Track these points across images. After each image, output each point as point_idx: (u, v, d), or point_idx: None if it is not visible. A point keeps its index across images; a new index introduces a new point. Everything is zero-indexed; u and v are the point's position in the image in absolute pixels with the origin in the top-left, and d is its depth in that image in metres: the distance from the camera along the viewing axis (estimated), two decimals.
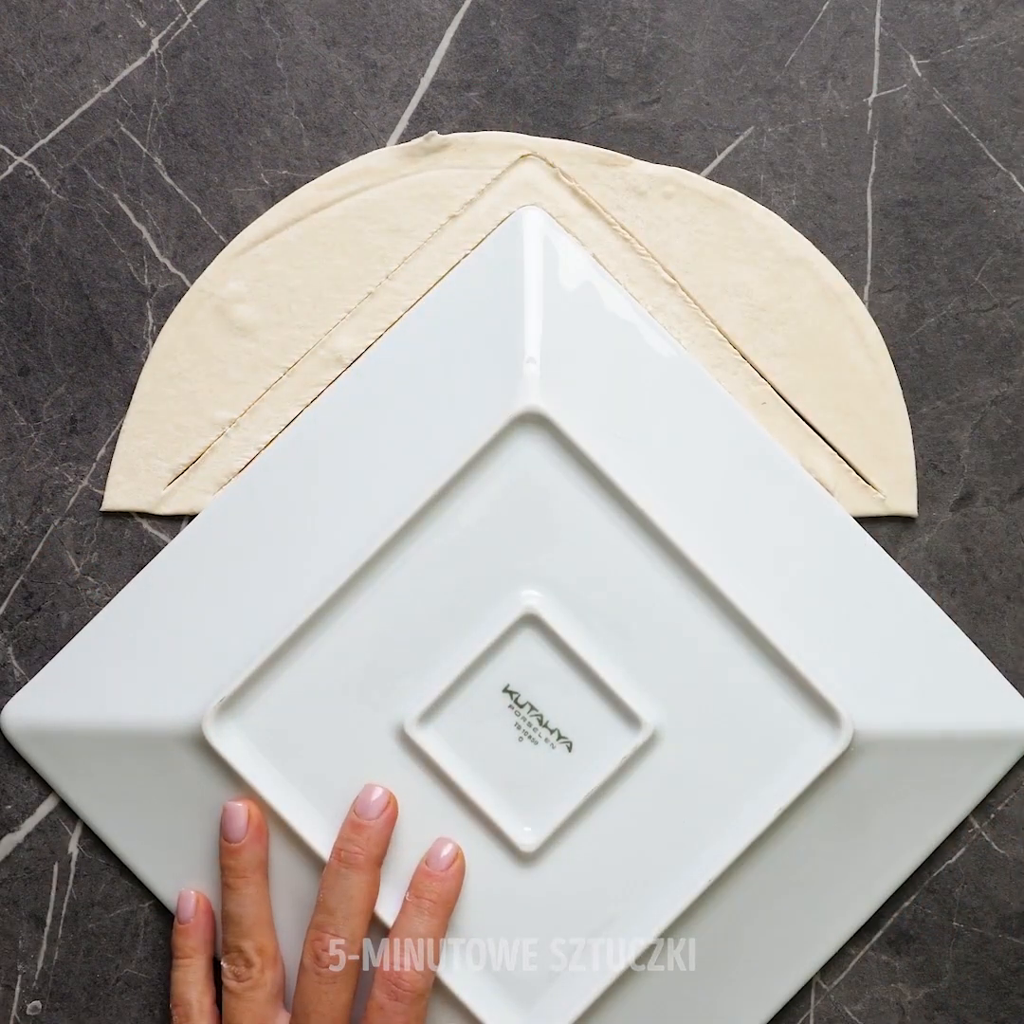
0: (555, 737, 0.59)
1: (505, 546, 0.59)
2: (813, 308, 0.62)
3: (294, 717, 0.60)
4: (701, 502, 0.60)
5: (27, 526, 0.63)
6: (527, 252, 0.61)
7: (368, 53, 0.63)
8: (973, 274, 0.63)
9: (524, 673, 0.59)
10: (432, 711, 0.59)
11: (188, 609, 0.61)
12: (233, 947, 0.59)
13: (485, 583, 0.60)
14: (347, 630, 0.59)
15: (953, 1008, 0.62)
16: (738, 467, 0.61)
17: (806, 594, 0.60)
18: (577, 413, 0.60)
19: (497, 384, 0.60)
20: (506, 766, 0.59)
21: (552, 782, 0.59)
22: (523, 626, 0.59)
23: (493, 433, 0.59)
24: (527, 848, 0.59)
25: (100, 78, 0.63)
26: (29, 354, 0.63)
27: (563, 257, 0.61)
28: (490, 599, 0.59)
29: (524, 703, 0.59)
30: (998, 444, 0.62)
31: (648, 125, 0.63)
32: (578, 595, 0.59)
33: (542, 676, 0.59)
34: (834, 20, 0.63)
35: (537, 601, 0.59)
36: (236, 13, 0.63)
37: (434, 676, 0.59)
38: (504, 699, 0.59)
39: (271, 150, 0.63)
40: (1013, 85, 0.63)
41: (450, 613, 0.59)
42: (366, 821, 0.59)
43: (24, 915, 0.63)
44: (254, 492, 0.61)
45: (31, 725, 0.62)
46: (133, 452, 0.63)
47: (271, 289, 0.63)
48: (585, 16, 0.63)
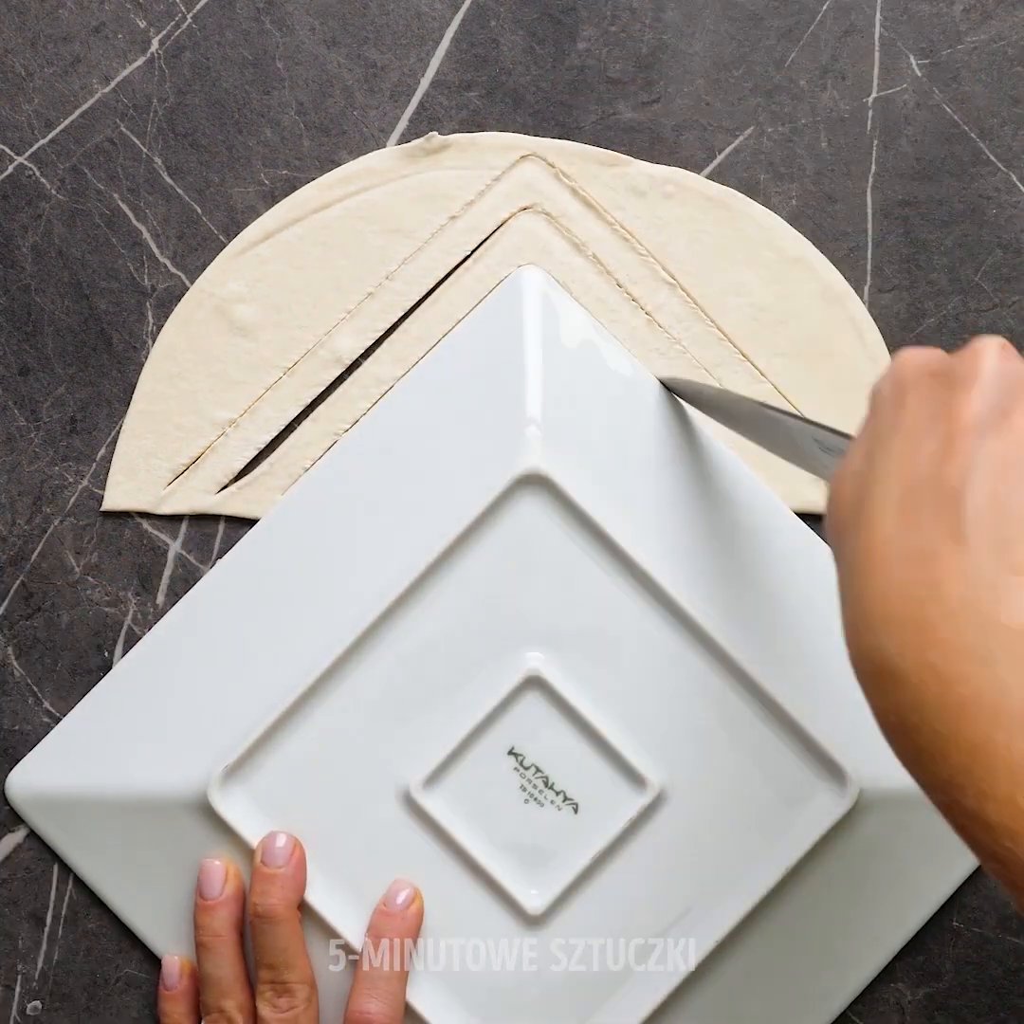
0: (561, 799, 0.59)
1: (508, 607, 0.59)
2: (813, 308, 0.62)
3: (299, 782, 0.59)
4: (703, 560, 0.60)
5: (27, 526, 0.63)
6: (527, 312, 0.60)
7: (368, 53, 0.63)
8: (973, 274, 0.63)
9: (529, 735, 0.59)
10: (437, 774, 0.59)
11: (192, 675, 0.60)
12: (214, 1008, 0.59)
13: (488, 645, 0.59)
14: (351, 694, 0.59)
15: (953, 1008, 0.62)
16: (741, 524, 0.60)
17: (810, 650, 0.59)
18: (579, 473, 0.59)
19: (499, 445, 0.60)
20: (512, 828, 0.59)
21: (558, 844, 0.59)
22: (527, 688, 0.59)
23: (495, 495, 0.59)
24: (534, 911, 0.59)
25: (100, 78, 0.63)
26: (29, 354, 0.63)
27: (563, 316, 0.61)
28: (494, 661, 0.59)
29: (529, 765, 0.59)
30: None
31: (648, 125, 0.63)
32: (582, 656, 0.59)
33: (547, 737, 0.59)
34: (834, 20, 0.63)
35: (541, 663, 0.59)
36: (236, 13, 0.63)
37: (439, 739, 0.59)
38: (509, 761, 0.59)
39: (271, 150, 0.63)
40: (1013, 85, 0.63)
41: (454, 676, 0.59)
42: (276, 870, 0.58)
43: (24, 915, 0.62)
44: (255, 557, 0.61)
45: (36, 792, 0.61)
46: (133, 452, 0.63)
47: (271, 289, 0.63)
48: (585, 16, 0.63)
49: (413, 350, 0.63)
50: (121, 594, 0.63)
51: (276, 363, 0.63)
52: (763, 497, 0.61)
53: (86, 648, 0.63)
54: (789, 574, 0.60)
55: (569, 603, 0.59)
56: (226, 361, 0.63)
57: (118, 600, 0.63)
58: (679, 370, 0.62)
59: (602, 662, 0.59)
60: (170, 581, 0.63)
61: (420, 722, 0.59)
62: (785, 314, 0.62)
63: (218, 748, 0.59)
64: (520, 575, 0.59)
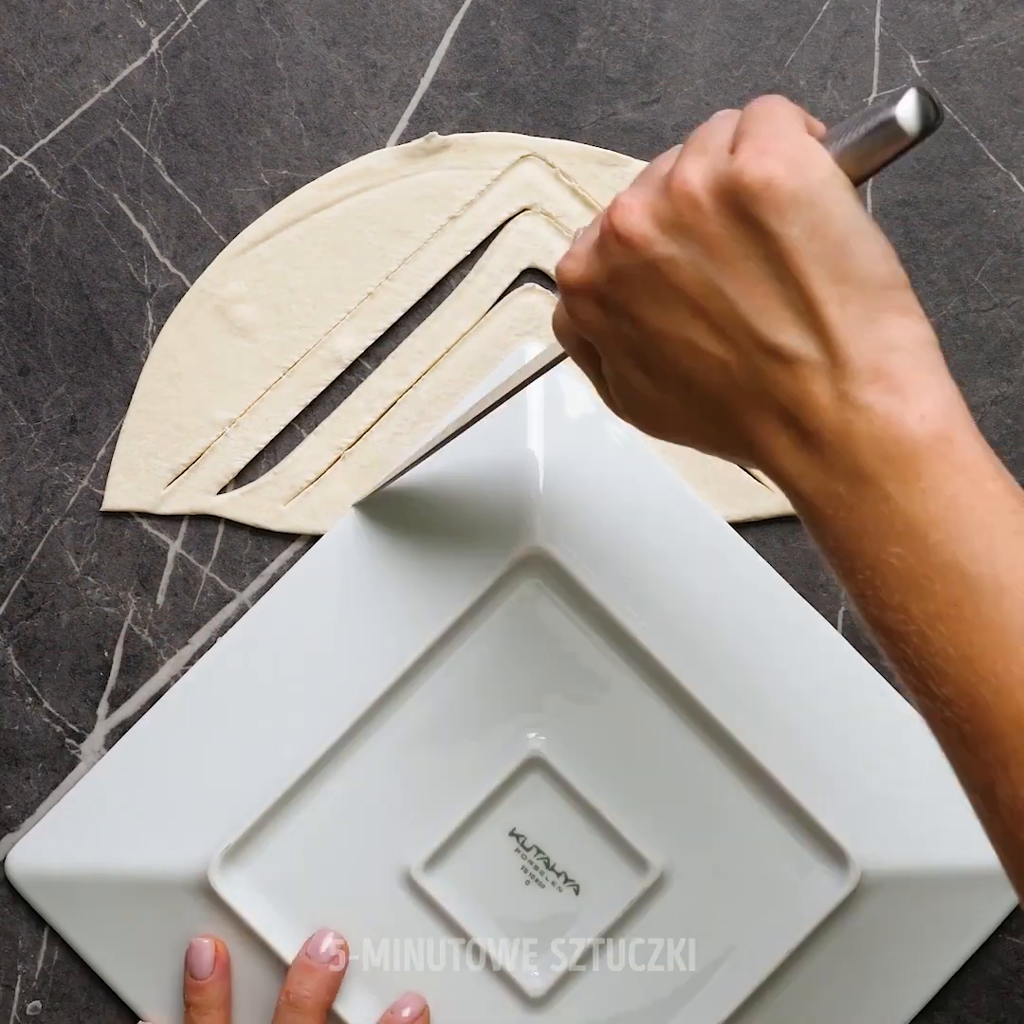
0: (562, 880, 0.59)
1: (510, 688, 0.59)
2: None
3: (299, 863, 0.60)
4: (705, 640, 0.60)
5: (27, 526, 0.63)
6: (529, 389, 0.60)
7: (368, 53, 0.63)
8: (973, 274, 0.63)
9: (530, 816, 0.59)
10: (438, 856, 0.59)
11: (192, 755, 0.61)
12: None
13: (490, 726, 0.59)
14: (353, 775, 0.59)
15: (953, 1008, 0.62)
16: (742, 605, 0.60)
17: (810, 730, 0.59)
18: (581, 552, 0.59)
19: (501, 524, 0.60)
20: (513, 909, 0.59)
21: (559, 925, 0.59)
22: (528, 769, 0.59)
23: (497, 575, 0.59)
24: (535, 993, 0.59)
25: (100, 78, 0.63)
26: (29, 354, 0.63)
27: (566, 393, 0.61)
28: (496, 742, 0.59)
29: (531, 846, 0.59)
30: (998, 444, 0.62)
31: (648, 125, 0.63)
32: (583, 737, 0.59)
33: (548, 819, 0.59)
34: (834, 20, 0.63)
35: (542, 744, 0.59)
36: (236, 13, 0.63)
37: (440, 821, 0.59)
38: (510, 843, 0.59)
39: (271, 150, 0.63)
40: (1013, 85, 0.63)
41: (455, 757, 0.59)
42: (318, 964, 0.58)
43: (24, 915, 0.62)
44: (255, 637, 0.61)
45: (35, 872, 0.61)
46: (133, 452, 0.63)
47: (271, 289, 0.63)
48: (585, 16, 0.63)
49: (417, 364, 0.63)
50: (121, 594, 0.63)
51: (276, 363, 0.63)
52: (765, 577, 0.61)
53: (86, 648, 0.63)
54: (789, 655, 0.60)
55: (571, 684, 0.59)
56: (226, 361, 0.63)
57: (118, 600, 0.63)
58: None
59: (604, 743, 0.59)
60: (170, 581, 0.63)
61: (421, 803, 0.59)
62: None
63: (219, 829, 0.59)
64: (522, 655, 0.59)
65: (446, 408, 0.62)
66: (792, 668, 0.60)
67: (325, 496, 0.62)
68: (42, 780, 0.63)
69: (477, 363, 0.63)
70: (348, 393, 0.63)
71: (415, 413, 0.63)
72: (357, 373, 0.63)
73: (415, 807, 0.59)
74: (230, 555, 0.63)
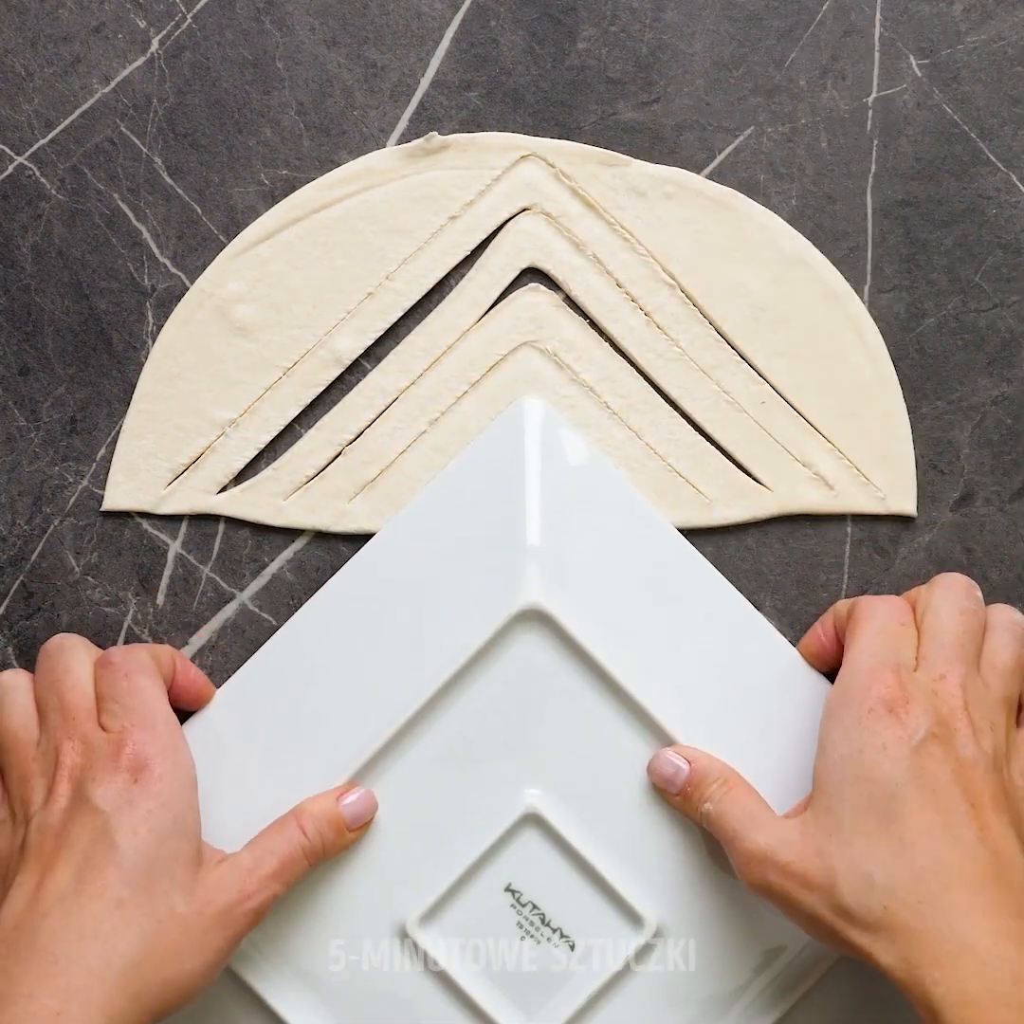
0: (557, 936, 0.59)
1: (506, 744, 0.59)
2: (813, 308, 0.62)
3: (294, 916, 0.59)
4: (703, 696, 0.60)
5: (27, 526, 0.63)
6: (528, 445, 0.60)
7: (368, 53, 0.63)
8: (973, 274, 0.63)
9: (526, 872, 0.59)
10: (433, 912, 0.59)
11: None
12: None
13: (486, 781, 0.59)
14: None
15: None
16: (741, 660, 0.60)
17: (804, 782, 0.59)
18: (578, 606, 0.59)
19: (498, 579, 0.59)
20: (509, 965, 0.59)
21: (555, 981, 0.59)
22: (525, 825, 0.59)
23: (494, 630, 0.59)
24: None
25: (100, 78, 0.63)
26: (29, 354, 0.63)
27: (565, 448, 0.61)
28: (491, 798, 0.59)
29: (526, 902, 0.59)
30: (998, 444, 0.62)
31: (648, 125, 0.63)
32: (580, 792, 0.59)
33: (544, 875, 0.59)
34: (834, 20, 0.63)
35: (538, 799, 0.59)
36: (236, 13, 0.63)
37: (435, 876, 0.59)
38: (506, 898, 0.59)
39: (271, 150, 0.63)
40: (1013, 85, 0.63)
41: (451, 813, 0.59)
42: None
43: None
44: (246, 693, 0.61)
45: None
46: (133, 452, 0.63)
47: (271, 289, 0.63)
48: (585, 16, 0.63)
49: (419, 362, 0.63)
50: (121, 594, 0.63)
51: (276, 363, 0.63)
52: (764, 636, 0.61)
53: None
54: (791, 713, 0.60)
55: (568, 739, 0.59)
56: (226, 361, 0.63)
57: (118, 600, 0.63)
58: (676, 373, 0.62)
59: (600, 799, 0.59)
60: (170, 581, 0.63)
61: (417, 858, 0.59)
62: (785, 314, 0.62)
63: None
64: (518, 711, 0.59)
65: (447, 405, 0.62)
66: (791, 724, 0.60)
67: (325, 491, 0.62)
68: None
69: (479, 360, 0.63)
70: (348, 393, 0.63)
71: (416, 409, 0.63)
72: (357, 373, 0.63)
73: (411, 862, 0.59)
74: (230, 555, 0.63)
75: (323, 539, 0.63)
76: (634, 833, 0.59)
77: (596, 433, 0.62)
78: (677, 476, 0.62)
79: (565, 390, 0.62)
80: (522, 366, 0.62)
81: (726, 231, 0.63)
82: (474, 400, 0.62)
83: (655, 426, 0.63)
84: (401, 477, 0.62)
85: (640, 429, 0.62)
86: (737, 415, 0.62)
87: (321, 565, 0.63)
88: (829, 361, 0.62)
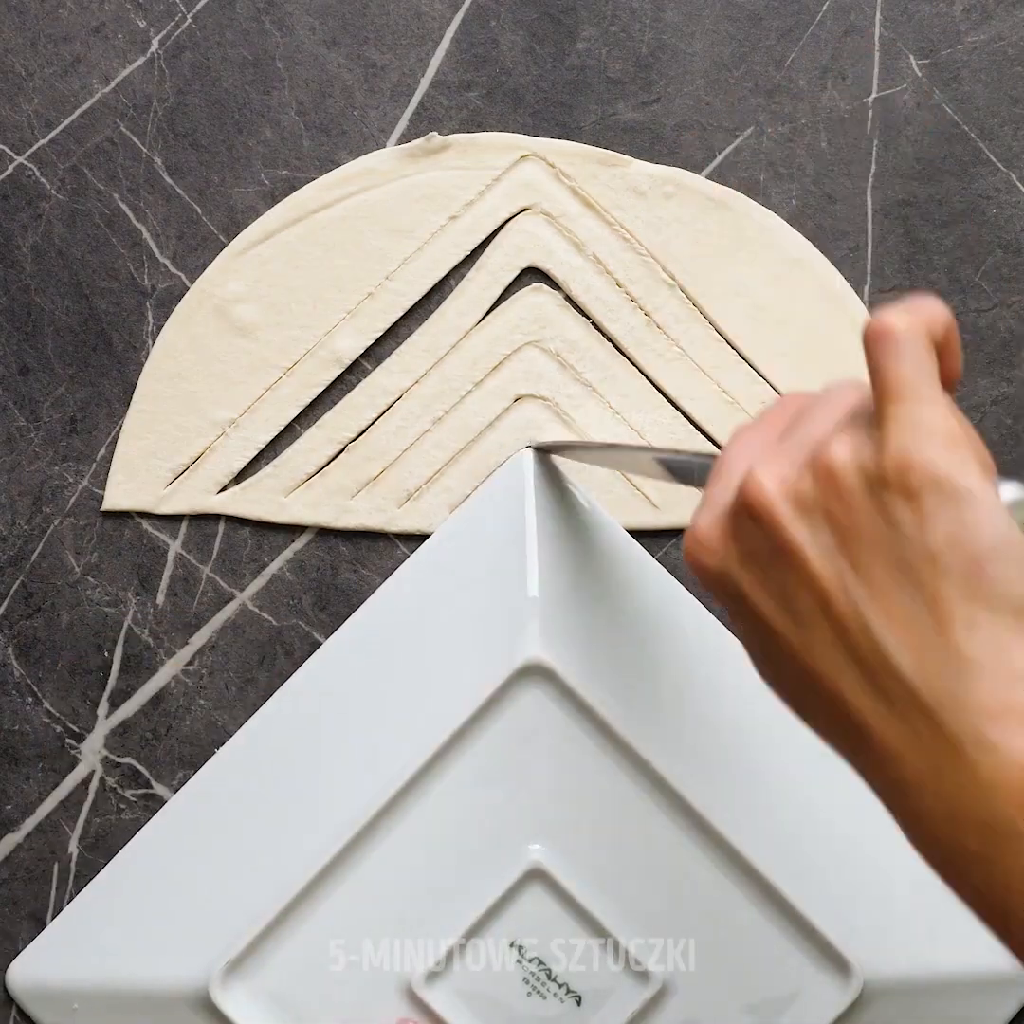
0: (564, 991, 0.59)
1: (509, 799, 0.59)
2: (813, 308, 0.62)
3: (301, 976, 0.59)
4: (706, 750, 0.59)
5: (27, 526, 0.63)
6: (527, 500, 0.60)
7: (368, 53, 0.63)
8: (973, 274, 0.63)
9: (531, 928, 0.59)
10: (439, 968, 0.59)
11: (191, 868, 0.60)
12: None
13: (490, 837, 0.59)
14: (353, 887, 0.59)
15: None
16: (744, 713, 0.60)
17: (810, 837, 0.59)
18: (579, 659, 0.59)
19: (500, 634, 0.59)
20: (515, 1021, 0.59)
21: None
22: (529, 881, 0.59)
23: (496, 686, 0.59)
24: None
25: (100, 78, 0.63)
26: (29, 354, 0.63)
27: (565, 499, 0.61)
28: (495, 854, 0.59)
29: (532, 958, 0.59)
30: (998, 444, 0.62)
31: (648, 125, 0.63)
32: (583, 846, 0.59)
33: (549, 930, 0.59)
34: (834, 20, 0.63)
35: (542, 855, 0.59)
36: (236, 13, 0.63)
37: (441, 933, 0.59)
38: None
39: (271, 150, 0.63)
40: (1013, 85, 0.63)
41: (455, 869, 0.59)
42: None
43: (24, 915, 0.62)
44: (256, 743, 0.61)
45: (36, 985, 0.61)
46: (133, 452, 0.63)
47: (271, 289, 0.63)
48: (585, 16, 0.63)
49: (421, 362, 0.63)
50: (121, 594, 0.63)
51: (276, 363, 0.63)
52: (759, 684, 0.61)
53: (86, 648, 0.63)
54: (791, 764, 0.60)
55: (571, 794, 0.59)
56: (226, 361, 0.63)
57: (118, 600, 0.63)
58: (677, 372, 0.62)
59: (604, 853, 0.59)
60: (170, 581, 0.63)
61: (422, 915, 0.59)
62: (785, 314, 0.62)
63: (220, 943, 0.59)
64: (521, 766, 0.59)
65: (450, 403, 0.63)
66: (793, 777, 0.59)
67: (327, 487, 0.62)
68: (42, 780, 0.63)
69: (482, 359, 0.63)
70: (348, 393, 0.63)
71: (419, 407, 0.63)
72: (357, 373, 0.63)
73: (416, 919, 0.59)
74: (230, 555, 0.63)
75: (323, 539, 0.63)
76: (639, 887, 0.59)
77: (598, 433, 0.62)
78: None
79: (568, 390, 0.62)
80: (525, 366, 0.63)
81: (726, 231, 0.63)
82: (477, 399, 0.63)
83: (656, 425, 0.63)
84: (404, 474, 0.62)
85: (642, 428, 0.62)
86: (737, 415, 0.62)
87: (321, 565, 0.63)
88: (829, 361, 0.62)
